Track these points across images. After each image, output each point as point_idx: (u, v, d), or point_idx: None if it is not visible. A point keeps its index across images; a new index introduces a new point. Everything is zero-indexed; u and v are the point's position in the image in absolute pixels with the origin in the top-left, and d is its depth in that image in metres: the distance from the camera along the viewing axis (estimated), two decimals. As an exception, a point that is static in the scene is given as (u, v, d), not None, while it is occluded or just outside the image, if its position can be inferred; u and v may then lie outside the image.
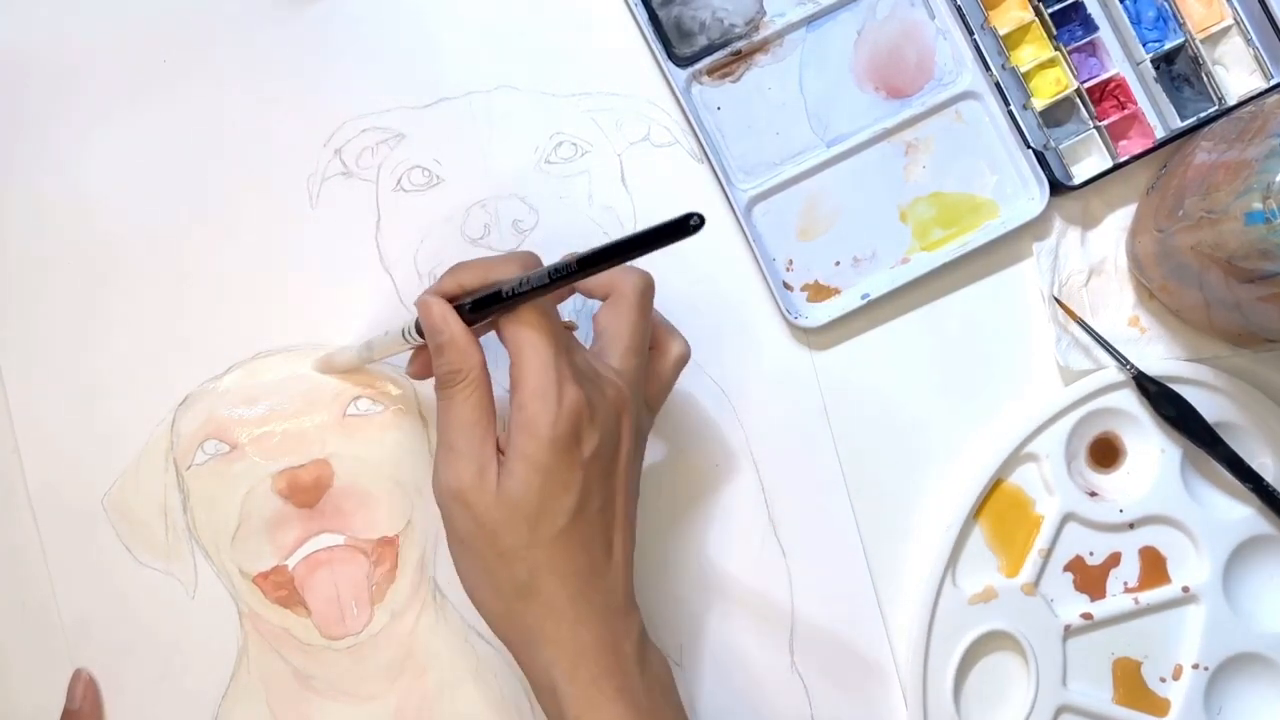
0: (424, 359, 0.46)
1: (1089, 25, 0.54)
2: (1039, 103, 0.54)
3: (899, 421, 0.54)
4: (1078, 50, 0.54)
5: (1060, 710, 0.52)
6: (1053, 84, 0.54)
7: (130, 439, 0.52)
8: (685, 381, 0.50)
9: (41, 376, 0.52)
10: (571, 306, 0.53)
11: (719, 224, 0.54)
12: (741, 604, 0.52)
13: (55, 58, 0.53)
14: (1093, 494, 0.53)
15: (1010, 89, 0.54)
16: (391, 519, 0.51)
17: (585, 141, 0.53)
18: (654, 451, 0.52)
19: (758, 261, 0.53)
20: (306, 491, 0.51)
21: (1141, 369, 0.53)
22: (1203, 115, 0.53)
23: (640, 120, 0.54)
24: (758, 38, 0.54)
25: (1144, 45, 0.54)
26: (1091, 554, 0.53)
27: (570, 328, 0.50)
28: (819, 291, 0.54)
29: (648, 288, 0.45)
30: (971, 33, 0.54)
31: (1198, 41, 0.54)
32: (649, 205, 0.53)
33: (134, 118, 0.53)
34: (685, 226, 0.36)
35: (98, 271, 0.52)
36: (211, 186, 0.53)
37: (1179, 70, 0.54)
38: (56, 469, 0.51)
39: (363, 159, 0.53)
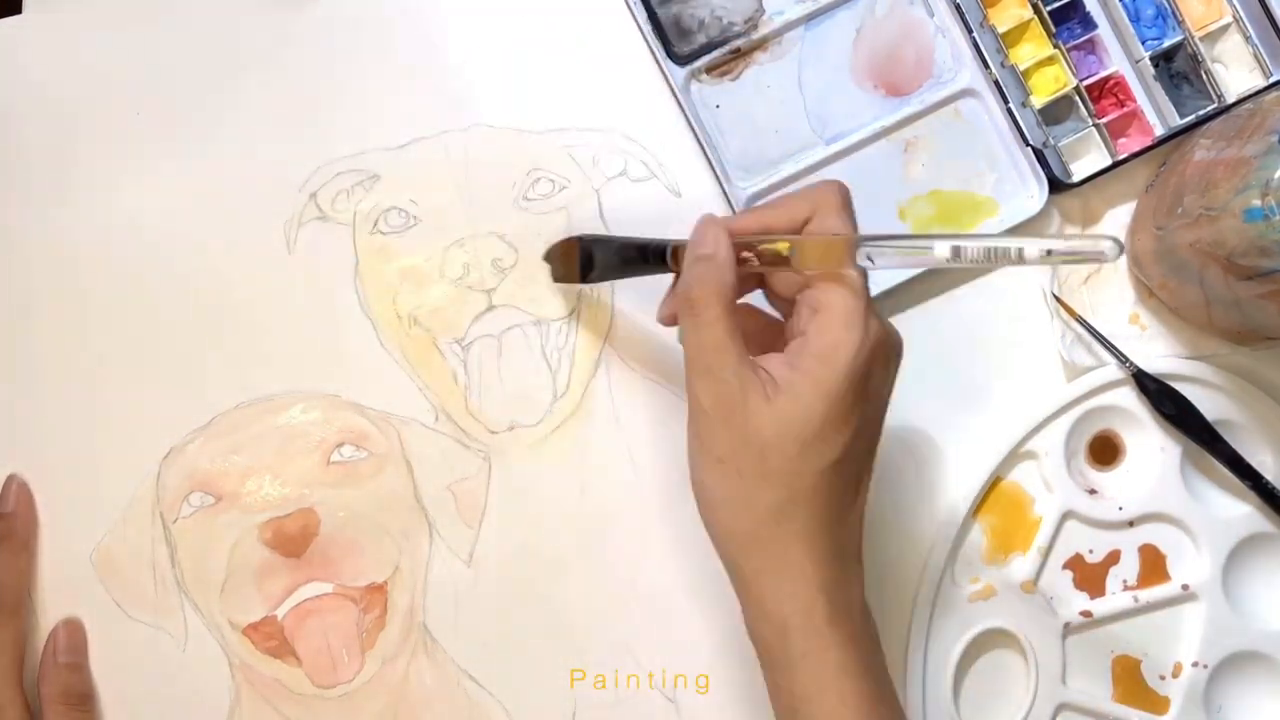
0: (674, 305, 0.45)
1: (1088, 23, 0.54)
2: (1038, 100, 0.54)
3: (897, 419, 0.53)
4: (1077, 48, 0.54)
5: (1060, 708, 0.52)
6: (1051, 82, 0.54)
7: (116, 493, 0.51)
8: (673, 417, 0.51)
9: (24, 434, 0.52)
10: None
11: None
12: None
13: (33, 115, 0.53)
14: (1092, 492, 0.53)
15: (1009, 87, 0.54)
16: (379, 565, 0.51)
17: (562, 177, 0.53)
18: (651, 473, 0.52)
19: (757, 259, 0.53)
20: (293, 541, 0.51)
21: (1141, 367, 0.53)
22: (1202, 113, 0.53)
23: (617, 155, 0.54)
24: (757, 36, 0.54)
25: (1143, 43, 0.54)
26: (1091, 552, 0.53)
27: None
28: (818, 289, 0.54)
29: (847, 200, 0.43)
30: (970, 30, 0.54)
31: (1197, 39, 0.54)
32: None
33: (110, 173, 0.53)
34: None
35: (75, 326, 0.52)
36: (189, 237, 0.53)
37: (1178, 68, 0.54)
38: (42, 525, 0.51)
39: (338, 202, 0.53)
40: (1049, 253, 0.37)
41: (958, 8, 0.54)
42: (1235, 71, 0.54)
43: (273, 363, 0.52)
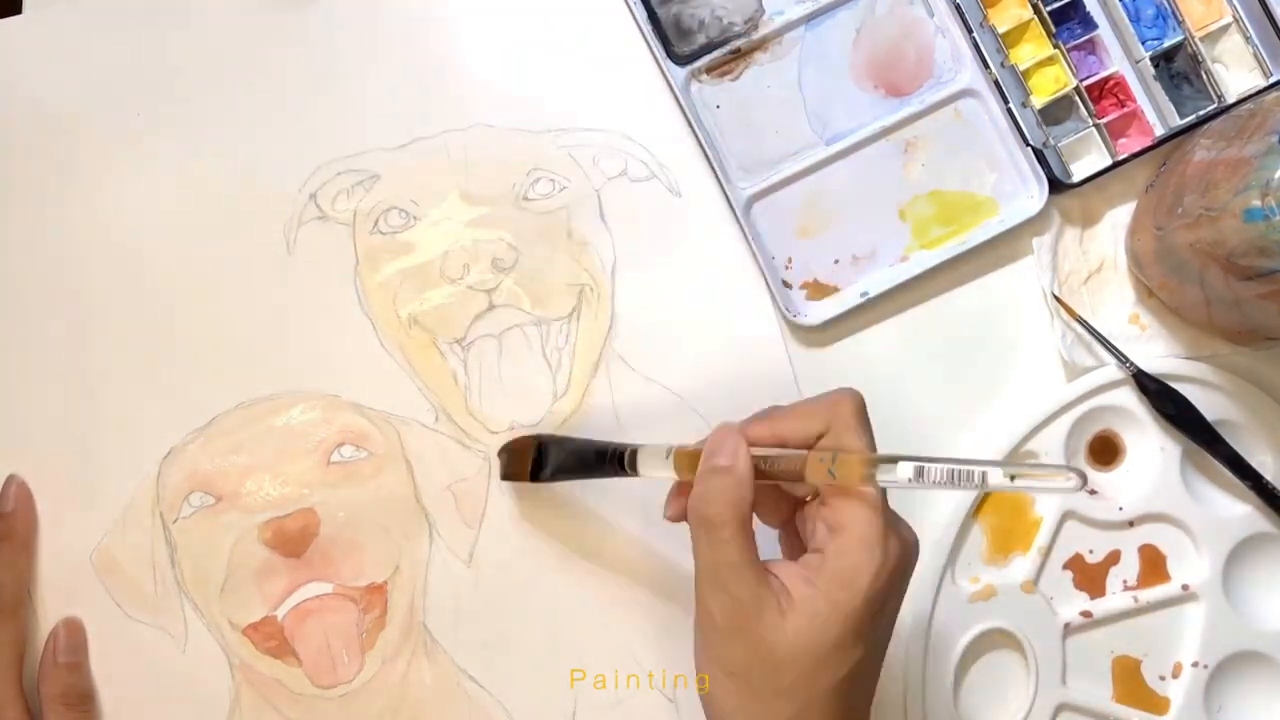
0: (682, 502, 0.44)
1: (1088, 23, 0.54)
2: (1038, 100, 0.54)
3: (898, 419, 0.53)
4: (1077, 48, 0.54)
5: (1060, 708, 0.52)
6: (1052, 82, 0.54)
7: (116, 494, 0.51)
8: (673, 416, 0.51)
9: (24, 433, 0.52)
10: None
11: (718, 223, 0.54)
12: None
13: (33, 115, 0.53)
14: (1092, 492, 0.53)
15: (1009, 87, 0.54)
16: (379, 565, 0.51)
17: (563, 177, 0.53)
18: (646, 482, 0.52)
19: (757, 260, 0.53)
20: (293, 541, 0.51)
21: (1141, 367, 0.53)
22: (1202, 113, 0.53)
23: (617, 155, 0.54)
24: (757, 36, 0.54)
25: (1143, 43, 0.54)
26: (1091, 552, 0.53)
27: None
28: (818, 289, 0.54)
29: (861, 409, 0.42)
30: (970, 31, 0.54)
31: (1197, 39, 0.54)
32: (628, 240, 0.53)
33: (110, 173, 0.53)
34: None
35: (75, 327, 0.52)
36: (189, 237, 0.53)
37: (1178, 68, 0.54)
38: (42, 525, 0.51)
39: (338, 202, 0.53)
40: (1013, 478, 0.37)
41: (958, 8, 0.54)
42: (1235, 71, 0.54)
43: (273, 363, 0.52)
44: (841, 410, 0.42)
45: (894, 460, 0.39)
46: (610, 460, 0.46)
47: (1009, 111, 0.54)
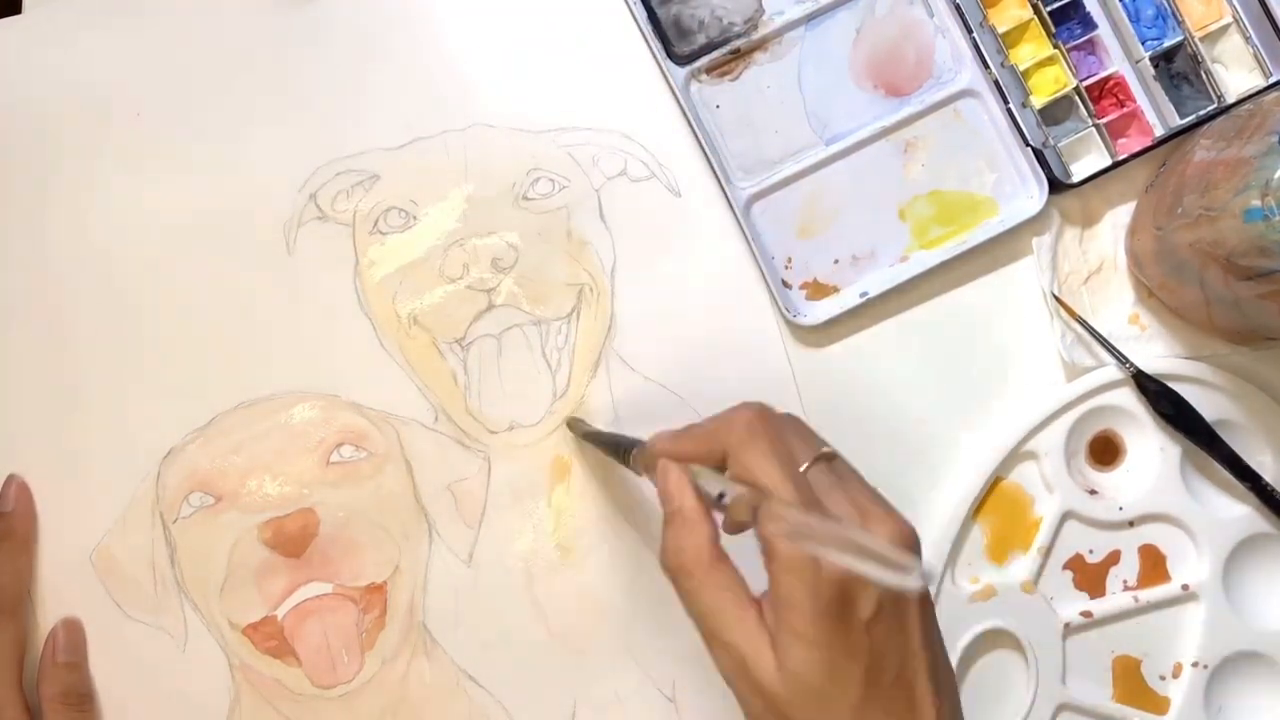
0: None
1: (1088, 23, 0.54)
2: (1038, 101, 0.54)
3: (897, 420, 0.54)
4: (1076, 48, 0.54)
5: (1060, 708, 0.52)
6: (1051, 82, 0.54)
7: (116, 494, 0.51)
8: (673, 416, 0.50)
9: (24, 433, 0.52)
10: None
11: (718, 222, 0.54)
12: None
13: (33, 114, 0.53)
14: (1092, 492, 0.53)
15: (1009, 87, 0.54)
16: (379, 565, 0.51)
17: (562, 177, 0.53)
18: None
19: (756, 260, 0.53)
20: (293, 541, 0.51)
21: (1141, 367, 0.53)
22: (1202, 113, 0.53)
23: (617, 155, 0.54)
24: (757, 36, 0.54)
25: (1143, 43, 0.54)
26: (1091, 552, 0.53)
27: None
28: (818, 289, 0.54)
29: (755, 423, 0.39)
30: (970, 31, 0.54)
31: (1197, 39, 0.54)
32: (628, 240, 0.53)
33: (109, 174, 0.53)
34: None
35: (76, 326, 0.52)
36: (190, 237, 0.53)
37: (1178, 68, 0.54)
38: (42, 525, 0.51)
39: (338, 202, 0.53)
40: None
41: (958, 8, 0.54)
42: (1235, 71, 0.54)
43: (273, 363, 0.52)
44: (734, 430, 0.39)
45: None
46: (624, 455, 0.45)
47: (1009, 111, 0.54)
